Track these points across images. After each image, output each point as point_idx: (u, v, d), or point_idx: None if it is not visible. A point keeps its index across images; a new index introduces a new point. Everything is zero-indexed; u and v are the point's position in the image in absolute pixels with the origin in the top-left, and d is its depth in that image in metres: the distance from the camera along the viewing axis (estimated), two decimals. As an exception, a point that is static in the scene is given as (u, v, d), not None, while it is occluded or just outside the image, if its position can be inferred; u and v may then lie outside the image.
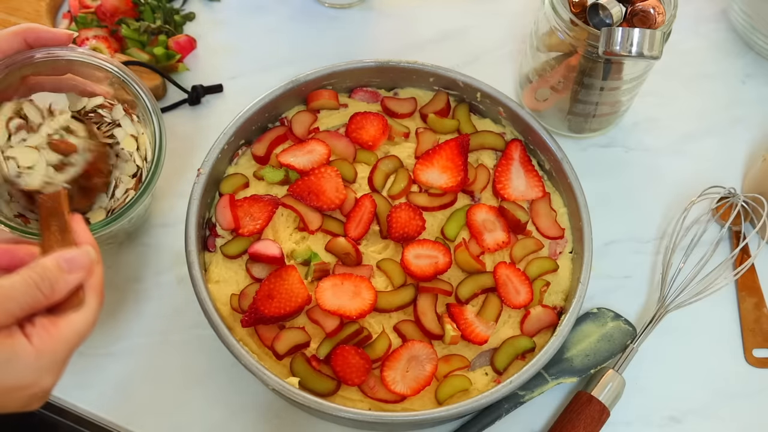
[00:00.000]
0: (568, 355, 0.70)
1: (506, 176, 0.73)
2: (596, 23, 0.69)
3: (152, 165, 0.65)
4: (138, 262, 0.74)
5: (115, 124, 0.67)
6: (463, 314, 0.67)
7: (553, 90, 0.78)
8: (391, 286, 0.68)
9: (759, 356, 0.72)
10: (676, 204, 0.79)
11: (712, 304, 0.73)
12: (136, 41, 0.83)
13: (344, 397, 0.64)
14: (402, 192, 0.72)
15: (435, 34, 0.90)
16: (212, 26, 0.89)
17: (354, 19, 0.91)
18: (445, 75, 0.75)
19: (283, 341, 0.64)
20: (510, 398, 0.67)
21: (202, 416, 0.68)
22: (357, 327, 0.65)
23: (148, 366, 0.70)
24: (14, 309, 0.46)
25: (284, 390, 0.60)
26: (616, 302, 0.74)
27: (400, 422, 0.62)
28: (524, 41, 0.83)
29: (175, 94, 0.83)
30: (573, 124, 0.81)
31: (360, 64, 0.76)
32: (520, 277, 0.68)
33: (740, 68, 0.89)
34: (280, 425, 0.68)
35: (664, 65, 0.73)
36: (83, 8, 0.85)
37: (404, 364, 0.64)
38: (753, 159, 0.83)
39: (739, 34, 0.91)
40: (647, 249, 0.78)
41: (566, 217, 0.73)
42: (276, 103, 0.74)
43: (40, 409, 0.51)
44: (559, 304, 0.69)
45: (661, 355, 0.72)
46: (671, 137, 0.84)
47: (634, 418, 0.70)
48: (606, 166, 0.82)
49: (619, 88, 0.76)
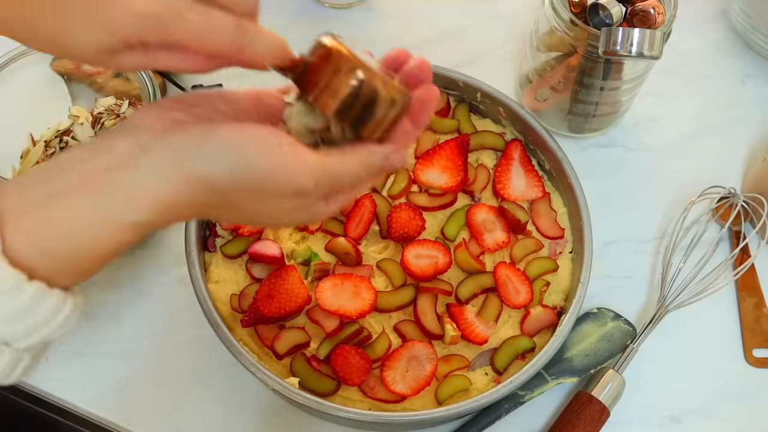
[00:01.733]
0: (568, 355, 0.70)
1: (506, 176, 0.73)
2: (596, 23, 0.69)
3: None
4: (138, 262, 0.74)
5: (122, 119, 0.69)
6: (463, 314, 0.67)
7: (553, 90, 0.78)
8: (391, 286, 0.68)
9: (759, 356, 0.72)
10: (676, 204, 0.79)
11: (712, 304, 0.73)
12: (136, 41, 0.83)
13: (344, 397, 0.64)
14: (402, 192, 0.72)
15: (435, 34, 0.90)
16: (212, 26, 0.89)
17: (354, 20, 0.91)
18: (445, 75, 0.75)
19: (283, 341, 0.64)
20: (510, 398, 0.67)
21: (202, 416, 0.68)
22: (357, 327, 0.65)
23: (148, 366, 0.70)
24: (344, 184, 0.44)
25: (284, 390, 0.60)
26: (616, 302, 0.74)
27: (400, 422, 0.62)
28: (524, 41, 0.83)
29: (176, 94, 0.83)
30: (573, 124, 0.81)
31: (360, 64, 0.76)
32: (520, 277, 0.68)
33: (740, 68, 0.89)
34: (279, 425, 0.68)
35: (664, 65, 0.73)
36: (83, 8, 0.85)
37: (404, 364, 0.64)
38: (753, 159, 0.83)
39: (739, 34, 0.91)
40: (647, 249, 0.78)
41: (566, 217, 0.73)
42: (276, 103, 0.74)
43: (40, 408, 0.51)
44: (559, 304, 0.69)
45: (661, 355, 0.72)
46: (671, 137, 0.84)
47: (634, 418, 0.70)
48: (606, 166, 0.82)
49: (619, 88, 0.76)
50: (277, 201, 0.43)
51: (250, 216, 0.44)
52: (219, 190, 0.40)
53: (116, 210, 0.38)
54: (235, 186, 0.40)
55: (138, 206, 0.39)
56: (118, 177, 0.39)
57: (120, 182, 0.39)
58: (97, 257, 0.39)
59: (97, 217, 0.38)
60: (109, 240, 0.39)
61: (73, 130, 0.70)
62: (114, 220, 0.38)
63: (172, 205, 0.39)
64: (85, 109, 0.72)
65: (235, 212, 0.43)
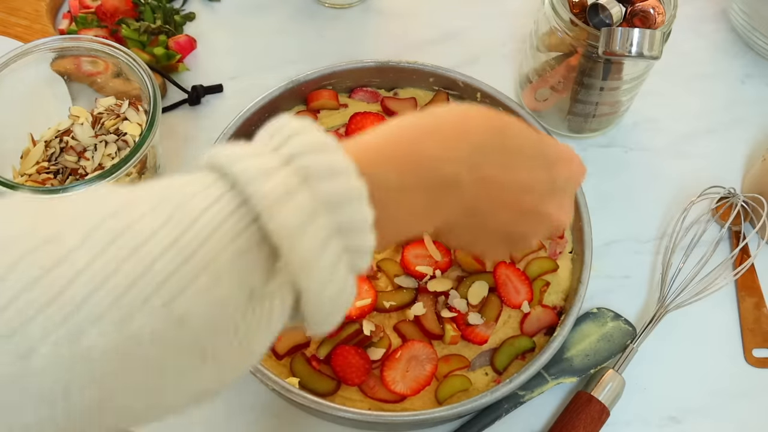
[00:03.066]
0: (568, 355, 0.70)
1: (506, 176, 0.73)
2: (596, 23, 0.69)
3: (150, 113, 0.65)
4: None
5: (122, 119, 0.69)
6: (462, 314, 0.67)
7: (552, 90, 0.78)
8: (391, 286, 0.68)
9: (759, 356, 0.72)
10: (676, 204, 0.79)
11: (711, 304, 0.73)
12: (137, 41, 0.83)
13: (344, 397, 0.64)
14: (402, 192, 0.72)
15: (435, 34, 0.90)
16: (212, 26, 0.89)
17: (354, 19, 0.91)
18: (445, 75, 0.75)
19: (283, 341, 0.64)
20: (510, 398, 0.67)
21: (202, 416, 0.68)
22: (357, 327, 0.65)
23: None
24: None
25: (284, 390, 0.60)
26: (615, 302, 0.74)
27: (400, 422, 0.62)
28: (524, 41, 0.83)
29: (175, 94, 0.83)
30: (573, 124, 0.81)
31: (360, 64, 0.76)
32: (520, 277, 0.68)
33: (740, 68, 0.89)
34: (279, 425, 0.68)
35: (663, 65, 0.73)
36: (83, 8, 0.85)
37: (404, 364, 0.64)
38: (753, 159, 0.83)
39: (738, 34, 0.91)
40: (647, 249, 0.78)
41: (566, 217, 0.73)
42: (276, 103, 0.74)
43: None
44: (559, 304, 0.69)
45: (660, 355, 0.72)
46: (671, 137, 0.84)
47: (634, 417, 0.70)
48: (606, 166, 0.82)
49: (618, 88, 0.76)
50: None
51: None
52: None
53: None
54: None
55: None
56: None
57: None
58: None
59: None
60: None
61: (74, 130, 0.70)
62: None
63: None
64: (85, 109, 0.72)
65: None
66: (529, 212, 0.45)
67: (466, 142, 0.41)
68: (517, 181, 0.43)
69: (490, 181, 0.42)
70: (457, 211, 0.41)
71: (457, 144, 0.40)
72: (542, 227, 0.47)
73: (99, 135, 0.70)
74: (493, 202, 0.43)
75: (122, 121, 0.70)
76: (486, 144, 0.41)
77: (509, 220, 0.45)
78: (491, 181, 0.42)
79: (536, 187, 0.45)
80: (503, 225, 0.45)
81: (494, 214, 0.43)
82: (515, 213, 0.44)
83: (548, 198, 0.46)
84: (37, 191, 0.61)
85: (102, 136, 0.70)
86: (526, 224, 0.46)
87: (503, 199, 0.43)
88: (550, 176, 0.45)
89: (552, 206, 0.46)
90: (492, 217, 0.44)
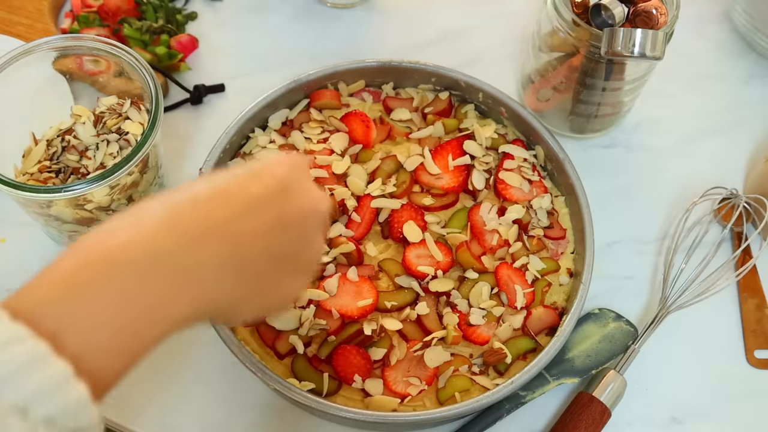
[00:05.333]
0: (570, 355, 0.69)
1: (508, 177, 0.73)
2: (598, 24, 0.69)
3: (152, 112, 0.66)
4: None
5: (124, 118, 0.69)
6: (464, 314, 0.66)
7: (555, 90, 0.78)
8: (393, 286, 0.68)
9: (761, 357, 0.72)
10: (678, 205, 0.79)
11: (713, 305, 0.73)
12: (138, 41, 0.83)
13: (345, 397, 0.64)
14: (404, 192, 0.72)
15: (437, 35, 0.90)
16: (214, 26, 0.89)
17: (356, 19, 0.91)
18: (448, 75, 0.75)
19: (284, 341, 0.64)
20: (511, 398, 0.67)
21: (203, 416, 0.68)
22: (358, 327, 0.65)
23: (149, 365, 0.69)
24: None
25: (285, 390, 0.60)
26: (617, 303, 0.74)
27: (400, 422, 0.62)
28: (526, 41, 0.83)
29: (177, 94, 0.83)
30: (575, 124, 0.81)
31: (362, 63, 0.76)
32: (522, 277, 0.68)
33: (743, 69, 0.89)
34: (280, 425, 0.68)
35: (666, 66, 0.73)
36: (85, 7, 0.85)
37: (405, 364, 0.64)
38: (755, 160, 0.83)
39: (741, 34, 0.91)
40: (649, 250, 0.78)
41: (568, 218, 0.73)
42: (278, 102, 0.74)
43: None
44: (561, 304, 0.69)
45: (662, 356, 0.72)
46: (673, 138, 0.84)
47: (635, 418, 0.69)
48: (608, 166, 0.82)
49: (621, 88, 0.76)
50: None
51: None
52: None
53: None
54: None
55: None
56: None
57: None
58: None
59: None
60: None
61: (75, 130, 0.70)
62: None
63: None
64: (87, 109, 0.72)
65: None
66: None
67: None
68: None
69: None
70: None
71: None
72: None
73: (101, 134, 0.70)
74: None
75: (124, 121, 0.70)
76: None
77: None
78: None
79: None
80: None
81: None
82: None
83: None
84: (39, 190, 0.61)
85: (104, 135, 0.70)
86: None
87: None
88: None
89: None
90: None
